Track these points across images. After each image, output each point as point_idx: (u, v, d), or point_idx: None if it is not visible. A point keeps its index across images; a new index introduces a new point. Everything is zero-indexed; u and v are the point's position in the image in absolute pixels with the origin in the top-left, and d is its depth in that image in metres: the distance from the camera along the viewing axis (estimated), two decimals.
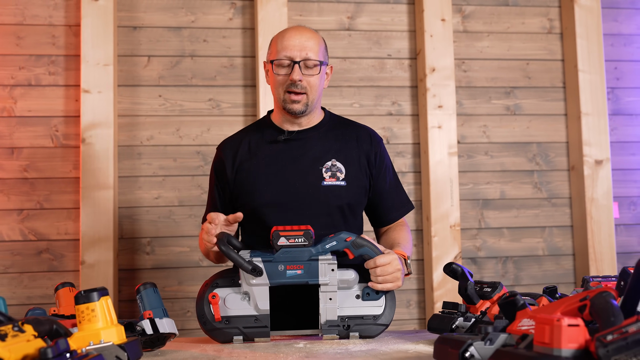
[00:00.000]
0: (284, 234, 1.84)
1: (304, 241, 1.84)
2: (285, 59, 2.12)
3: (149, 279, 3.26)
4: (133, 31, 3.38)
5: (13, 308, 3.09)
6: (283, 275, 1.84)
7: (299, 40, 2.12)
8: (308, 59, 2.11)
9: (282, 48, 2.12)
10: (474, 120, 3.61)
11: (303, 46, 2.11)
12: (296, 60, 2.10)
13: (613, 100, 3.72)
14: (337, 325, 1.86)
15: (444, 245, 3.40)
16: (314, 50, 2.13)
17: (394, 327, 3.44)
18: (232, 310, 1.86)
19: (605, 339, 1.07)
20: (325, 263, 1.85)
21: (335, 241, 1.88)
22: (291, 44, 2.11)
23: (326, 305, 1.86)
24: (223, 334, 1.85)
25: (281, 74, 2.14)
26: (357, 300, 1.90)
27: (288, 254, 1.84)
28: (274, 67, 2.14)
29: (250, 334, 1.85)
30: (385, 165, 2.28)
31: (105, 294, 1.43)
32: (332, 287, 1.85)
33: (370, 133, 2.30)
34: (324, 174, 2.15)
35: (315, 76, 2.14)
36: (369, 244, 1.90)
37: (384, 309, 1.91)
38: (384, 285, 1.89)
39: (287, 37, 2.13)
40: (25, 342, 1.18)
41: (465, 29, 3.64)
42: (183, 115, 3.38)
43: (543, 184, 3.64)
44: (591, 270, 3.46)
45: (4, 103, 3.24)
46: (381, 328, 1.89)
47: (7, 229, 3.20)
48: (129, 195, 3.31)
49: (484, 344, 1.27)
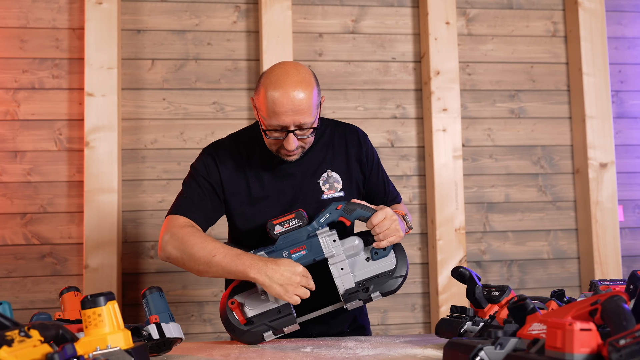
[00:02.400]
0: (277, 221, 1.91)
1: (298, 222, 1.90)
2: (278, 127, 1.93)
3: (153, 283, 3.25)
4: (137, 34, 3.37)
5: (17, 312, 3.07)
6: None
7: (291, 106, 1.89)
8: (302, 126, 1.94)
9: (274, 115, 1.91)
10: (479, 123, 3.60)
11: (295, 112, 1.90)
12: (290, 129, 1.93)
13: (617, 103, 3.70)
14: (356, 291, 1.91)
15: (448, 248, 3.38)
16: (308, 112, 1.92)
17: (399, 330, 3.43)
18: (253, 310, 1.90)
19: (618, 343, 1.06)
20: (325, 236, 1.91)
21: (327, 213, 1.93)
22: (283, 111, 1.90)
23: (340, 276, 1.91)
24: (252, 334, 1.88)
25: (275, 137, 1.97)
26: (368, 262, 1.95)
27: (287, 239, 1.90)
28: (266, 132, 1.97)
29: (278, 325, 1.88)
30: (375, 161, 2.25)
31: (112, 299, 1.42)
32: (339, 257, 1.91)
33: (357, 132, 2.23)
34: (322, 187, 2.12)
35: (310, 137, 2.00)
36: (360, 205, 1.94)
37: (396, 262, 1.96)
38: (387, 240, 1.92)
39: (279, 104, 1.89)
40: (32, 347, 1.16)
41: (470, 32, 3.64)
42: (187, 118, 3.37)
43: (548, 187, 3.63)
44: (596, 274, 3.45)
45: (8, 106, 3.24)
46: (399, 280, 1.93)
47: (11, 233, 3.19)
48: (132, 198, 3.30)
49: (495, 348, 1.26)
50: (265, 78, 1.97)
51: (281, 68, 1.97)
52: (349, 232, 2.06)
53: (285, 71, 1.95)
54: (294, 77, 1.93)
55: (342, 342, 1.86)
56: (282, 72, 1.95)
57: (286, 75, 1.94)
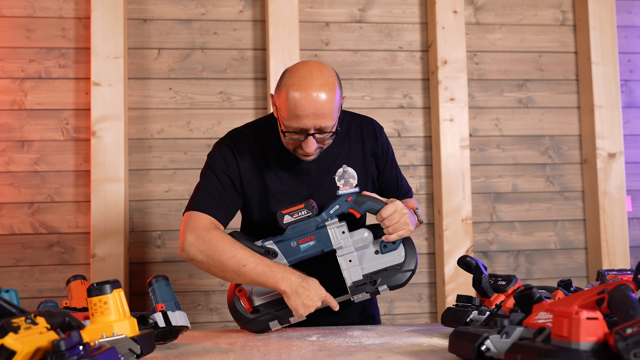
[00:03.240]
0: (287, 211, 1.90)
1: (308, 212, 1.89)
2: (297, 129, 1.90)
3: (160, 272, 3.25)
4: (143, 24, 3.37)
5: (24, 301, 3.09)
6: (297, 250, 1.89)
7: (313, 110, 1.85)
8: (322, 129, 1.90)
9: (295, 117, 1.87)
10: (486, 113, 3.59)
11: (317, 115, 1.86)
12: (310, 132, 1.89)
13: (626, 92, 3.68)
14: (363, 284, 1.90)
15: (455, 238, 3.38)
16: (329, 117, 1.88)
17: (405, 320, 3.43)
18: (260, 299, 1.91)
19: (625, 332, 1.06)
20: (334, 227, 1.90)
21: (337, 204, 1.92)
22: (304, 115, 1.85)
23: (348, 268, 1.90)
24: (258, 323, 1.89)
25: (294, 138, 1.93)
26: (377, 255, 1.94)
27: (296, 229, 1.89)
28: (285, 134, 1.93)
29: (284, 315, 1.88)
30: (390, 156, 2.23)
31: (118, 287, 1.43)
32: (348, 248, 1.90)
33: (374, 125, 2.20)
34: (337, 183, 2.08)
35: (329, 139, 1.97)
36: (370, 198, 1.94)
37: (405, 256, 1.94)
38: (396, 234, 1.91)
39: (300, 107, 1.85)
40: (38, 334, 1.17)
41: (478, 21, 3.61)
42: (193, 108, 3.37)
43: (555, 177, 3.61)
44: (604, 264, 3.43)
45: (15, 96, 3.24)
46: (407, 274, 1.92)
47: (18, 222, 3.20)
48: (139, 188, 3.31)
49: (501, 337, 1.26)
50: (288, 78, 1.91)
51: (305, 69, 1.92)
52: (360, 225, 2.05)
53: (309, 73, 1.90)
54: (317, 80, 1.88)
55: (348, 331, 1.86)
56: (305, 74, 1.89)
57: (310, 77, 1.88)
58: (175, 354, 1.57)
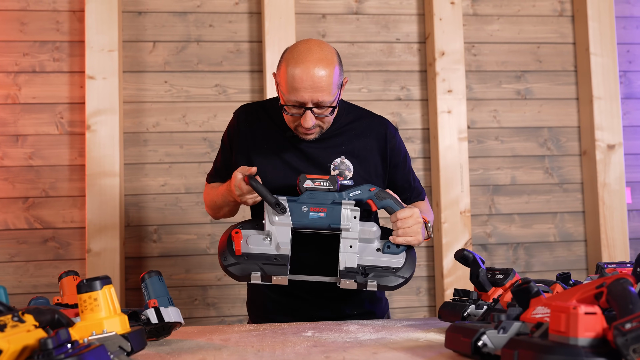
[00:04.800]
0: (310, 177, 1.90)
1: (329, 185, 1.89)
2: (296, 103, 1.93)
3: (156, 267, 3.23)
4: (138, 16, 3.34)
5: (19, 297, 3.07)
6: (306, 216, 1.88)
7: (311, 81, 1.89)
8: (320, 104, 1.93)
9: (293, 89, 1.90)
10: (484, 104, 3.56)
11: (314, 89, 1.89)
12: (307, 106, 1.93)
13: (625, 83, 3.65)
14: (355, 272, 1.88)
15: (454, 231, 3.35)
16: (327, 91, 1.91)
17: (404, 314, 3.41)
18: (253, 248, 1.89)
19: (624, 327, 1.03)
20: (348, 209, 1.89)
21: (359, 190, 1.92)
22: (302, 87, 1.89)
23: (346, 252, 1.89)
24: (241, 268, 1.87)
25: (293, 113, 1.97)
26: (378, 253, 1.92)
27: (312, 196, 1.89)
28: (285, 108, 1.98)
29: (269, 270, 1.86)
30: (402, 157, 2.20)
31: (108, 283, 1.39)
32: (353, 233, 1.89)
33: (387, 126, 2.19)
34: (331, 172, 2.08)
35: (328, 116, 2.00)
36: (392, 197, 1.94)
37: (404, 263, 1.92)
38: (404, 239, 1.91)
39: (299, 79, 1.89)
40: (25, 332, 1.14)
41: (475, 12, 3.58)
42: (189, 101, 3.34)
43: (554, 169, 3.58)
44: (603, 257, 3.41)
45: (9, 90, 3.21)
46: (400, 280, 1.90)
47: (13, 217, 3.18)
48: (135, 182, 3.28)
49: (497, 332, 1.24)
50: (288, 53, 1.97)
51: (304, 45, 1.97)
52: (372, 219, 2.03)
53: (308, 48, 1.94)
54: (316, 54, 1.92)
55: (343, 326, 1.84)
56: (304, 49, 1.94)
57: (308, 51, 1.93)
58: (168, 350, 1.55)
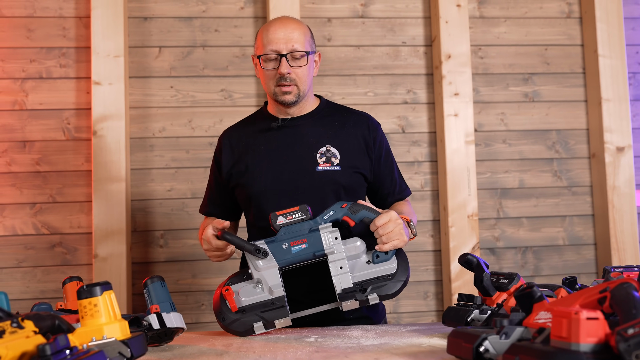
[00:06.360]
0: (281, 213, 1.88)
1: (302, 215, 1.87)
2: (272, 52, 2.11)
3: (163, 272, 3.23)
4: (144, 22, 3.34)
5: (26, 302, 3.08)
6: (289, 252, 1.86)
7: (284, 32, 2.11)
8: (294, 50, 2.10)
9: (268, 42, 2.11)
10: (492, 107, 3.54)
11: (288, 38, 2.10)
12: (282, 53, 2.10)
13: (634, 85, 3.62)
14: (353, 291, 1.86)
15: (461, 235, 3.33)
16: (300, 42, 2.12)
17: (411, 319, 3.39)
18: (247, 300, 1.86)
19: (626, 332, 1.02)
20: (327, 232, 1.86)
21: (332, 210, 1.90)
22: (276, 37, 2.10)
23: (339, 274, 1.86)
24: (242, 324, 1.84)
25: (269, 67, 2.13)
26: (369, 265, 1.90)
27: (289, 231, 1.87)
28: (262, 61, 2.14)
29: (269, 317, 1.83)
30: (384, 151, 2.27)
31: (109, 288, 1.39)
32: (339, 254, 1.86)
33: (368, 118, 2.28)
34: (318, 160, 2.14)
35: (304, 67, 2.14)
36: (366, 207, 1.92)
37: (397, 267, 1.90)
38: (390, 244, 1.89)
39: (272, 30, 2.12)
40: (24, 338, 1.14)
41: (482, 14, 3.57)
42: (195, 106, 3.34)
43: (563, 172, 3.56)
44: (613, 260, 3.38)
45: (16, 96, 3.22)
46: (399, 284, 1.88)
47: (20, 223, 3.18)
48: (141, 187, 3.28)
49: (499, 338, 1.22)
50: (263, 25, 2.22)
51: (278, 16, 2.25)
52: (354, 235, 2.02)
53: (281, 16, 2.26)
54: (286, 17, 2.21)
55: (347, 331, 1.82)
56: (277, 17, 2.23)
57: (281, 16, 2.22)
58: (170, 356, 1.54)
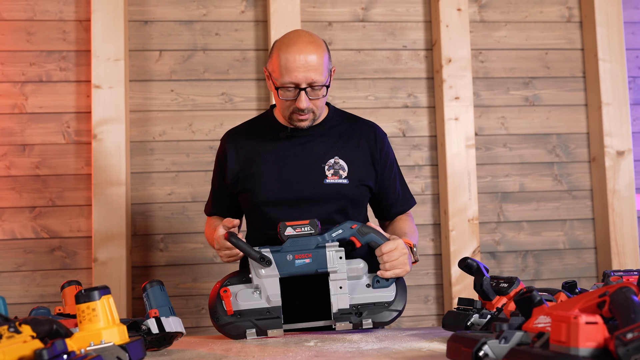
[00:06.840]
0: (290, 224, 1.89)
1: (310, 229, 1.88)
2: (291, 84, 2.02)
3: (163, 276, 3.23)
4: (144, 25, 3.34)
5: (26, 306, 3.07)
6: (292, 265, 1.86)
7: (303, 62, 2.00)
8: (314, 83, 2.02)
9: (286, 72, 2.01)
10: (492, 111, 3.54)
11: (307, 68, 2.00)
12: (302, 87, 2.02)
13: (634, 89, 3.62)
14: (349, 313, 1.87)
15: (462, 239, 3.33)
16: (319, 71, 2.02)
17: (412, 323, 3.38)
18: (243, 304, 1.86)
19: (625, 337, 1.01)
20: (332, 250, 1.87)
21: (341, 229, 1.91)
22: (296, 66, 2.00)
23: (337, 294, 1.87)
24: (236, 327, 1.85)
25: (288, 98, 2.06)
26: (368, 288, 1.91)
27: (295, 244, 1.87)
28: (279, 91, 2.05)
29: (263, 325, 1.84)
30: (390, 162, 2.26)
31: (107, 293, 1.39)
32: (341, 274, 1.87)
33: (375, 129, 2.26)
34: (326, 172, 2.13)
35: (322, 98, 2.08)
36: (374, 231, 1.93)
37: (395, 295, 1.91)
38: (392, 272, 1.90)
39: (291, 60, 2.00)
40: (22, 343, 1.14)
41: (482, 18, 3.57)
42: (196, 110, 3.34)
43: (563, 176, 3.55)
44: (613, 264, 3.38)
45: (15, 100, 3.22)
46: (394, 314, 1.89)
47: (20, 227, 3.18)
48: (141, 191, 3.28)
49: (499, 342, 1.22)
50: (279, 42, 2.08)
51: (294, 32, 2.11)
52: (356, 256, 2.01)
53: (297, 34, 2.08)
54: (305, 38, 2.05)
55: (347, 335, 1.82)
56: (294, 35, 2.07)
57: (298, 36, 2.06)
58: None
